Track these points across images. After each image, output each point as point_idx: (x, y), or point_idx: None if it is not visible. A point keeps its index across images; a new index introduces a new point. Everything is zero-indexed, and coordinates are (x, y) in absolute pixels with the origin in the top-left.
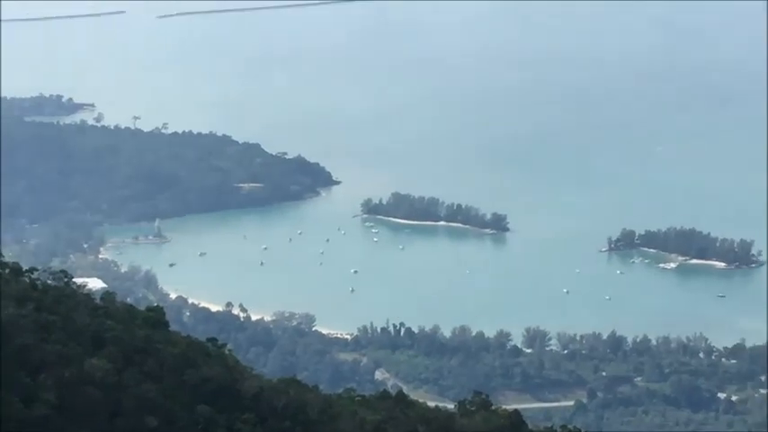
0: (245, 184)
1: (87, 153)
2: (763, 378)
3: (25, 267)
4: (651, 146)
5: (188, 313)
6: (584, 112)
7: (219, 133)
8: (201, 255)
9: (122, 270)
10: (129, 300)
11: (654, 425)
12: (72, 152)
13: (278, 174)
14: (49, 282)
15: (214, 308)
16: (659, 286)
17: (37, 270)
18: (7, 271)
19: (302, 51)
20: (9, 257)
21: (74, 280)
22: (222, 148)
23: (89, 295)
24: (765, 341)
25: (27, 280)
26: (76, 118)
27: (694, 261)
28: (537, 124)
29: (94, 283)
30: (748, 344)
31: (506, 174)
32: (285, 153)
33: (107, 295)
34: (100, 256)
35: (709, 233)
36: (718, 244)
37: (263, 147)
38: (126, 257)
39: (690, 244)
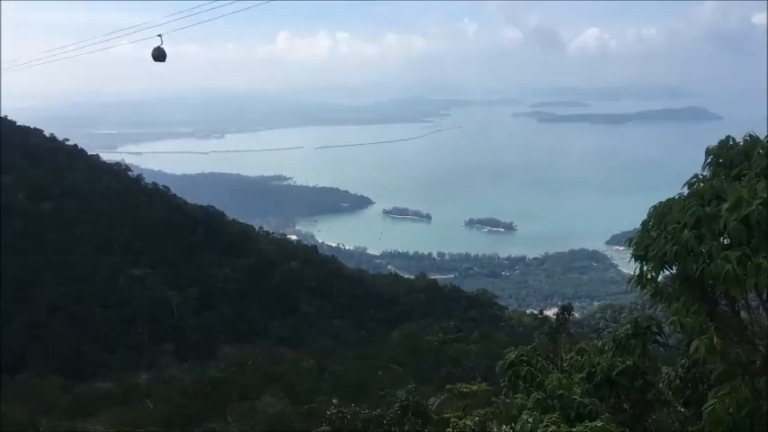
0: (344, 204)
1: (292, 195)
2: None
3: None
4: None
5: (324, 248)
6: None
7: (329, 186)
8: (330, 228)
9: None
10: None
11: None
12: (281, 195)
13: (352, 200)
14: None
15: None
16: (474, 235)
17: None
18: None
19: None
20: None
21: (287, 236)
22: (335, 191)
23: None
24: None
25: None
26: (290, 182)
27: (499, 229)
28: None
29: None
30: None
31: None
32: (357, 192)
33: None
34: (296, 228)
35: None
36: (515, 227)
37: (349, 192)
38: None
39: (499, 224)
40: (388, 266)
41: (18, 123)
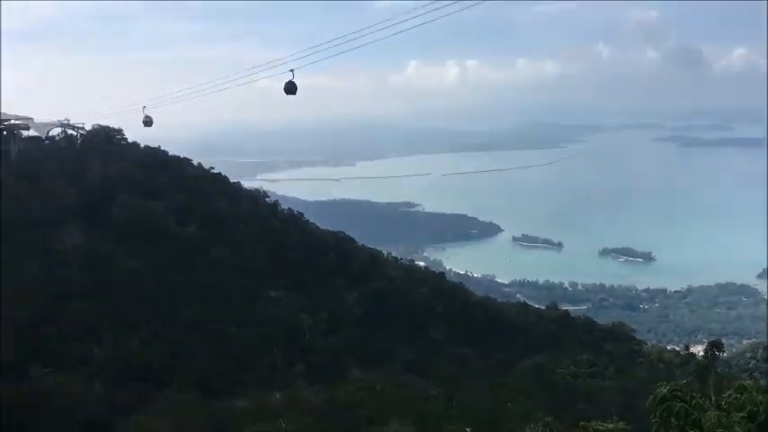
0: (473, 230)
1: (420, 221)
2: None
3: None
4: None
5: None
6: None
7: (458, 212)
8: (458, 255)
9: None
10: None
11: None
12: (410, 222)
13: (481, 227)
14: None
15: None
16: (609, 265)
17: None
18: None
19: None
20: None
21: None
22: (464, 218)
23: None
24: None
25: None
26: (418, 209)
27: (636, 259)
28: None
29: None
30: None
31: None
32: (486, 219)
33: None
34: (424, 254)
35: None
36: (654, 257)
37: (478, 218)
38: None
39: (636, 253)
40: (518, 295)
41: (170, 153)
